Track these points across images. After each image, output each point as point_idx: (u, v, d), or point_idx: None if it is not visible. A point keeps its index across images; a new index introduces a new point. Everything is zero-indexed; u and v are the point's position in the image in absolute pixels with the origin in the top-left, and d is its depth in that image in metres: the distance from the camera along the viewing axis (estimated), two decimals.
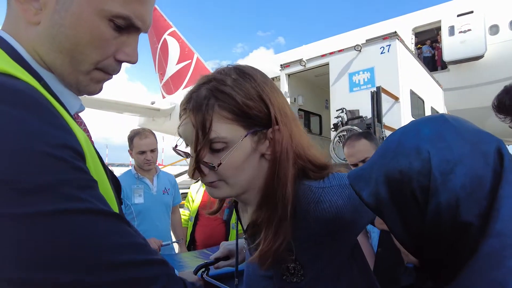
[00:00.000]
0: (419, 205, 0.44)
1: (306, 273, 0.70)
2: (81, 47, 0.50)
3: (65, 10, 0.48)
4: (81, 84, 0.54)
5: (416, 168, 0.44)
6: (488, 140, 0.43)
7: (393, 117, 5.35)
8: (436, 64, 10.84)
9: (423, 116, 0.55)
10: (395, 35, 5.57)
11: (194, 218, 2.81)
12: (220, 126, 0.64)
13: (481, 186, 0.41)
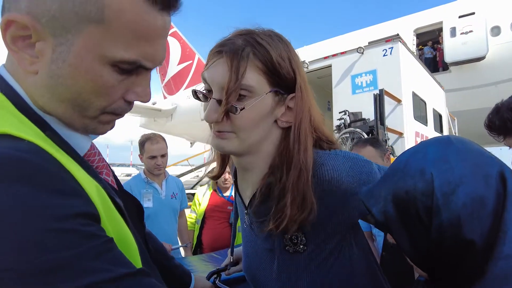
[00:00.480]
0: (424, 223, 0.47)
1: (309, 243, 0.71)
2: (84, 96, 0.47)
3: (62, 60, 0.44)
4: (88, 127, 0.51)
5: (420, 188, 0.47)
6: (490, 163, 0.45)
7: (396, 119, 5.37)
8: (438, 65, 10.86)
9: (424, 116, 0.58)
10: (398, 37, 5.60)
11: (201, 221, 2.84)
12: (251, 75, 0.64)
13: (483, 206, 0.43)
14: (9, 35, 0.42)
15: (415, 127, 5.86)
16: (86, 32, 0.43)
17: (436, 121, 7.27)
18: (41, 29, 0.42)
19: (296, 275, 0.72)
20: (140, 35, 0.45)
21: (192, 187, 14.30)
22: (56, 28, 0.42)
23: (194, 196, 2.99)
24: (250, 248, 0.85)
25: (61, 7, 0.41)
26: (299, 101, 0.70)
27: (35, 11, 0.41)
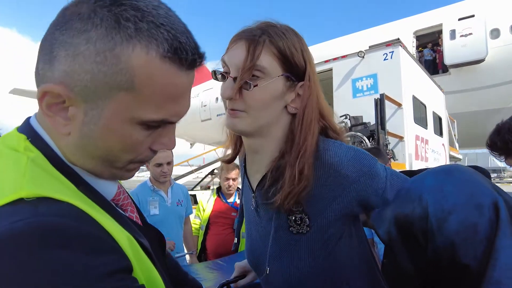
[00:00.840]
0: (421, 245, 0.52)
1: (312, 225, 0.74)
2: (114, 153, 0.49)
3: (93, 123, 0.46)
4: (116, 176, 0.54)
5: (417, 214, 0.52)
6: (485, 194, 0.49)
7: (396, 123, 5.41)
8: (438, 67, 10.92)
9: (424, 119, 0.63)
10: (398, 41, 5.63)
11: (205, 227, 2.88)
12: (265, 58, 0.71)
13: (476, 233, 0.47)
14: (45, 103, 0.45)
15: (415, 130, 5.90)
16: (116, 98, 0.45)
17: (436, 124, 7.32)
18: (74, 97, 0.45)
19: (298, 255, 0.76)
20: (169, 97, 0.48)
21: (192, 188, 14.35)
22: (87, 96, 0.45)
23: (198, 202, 3.03)
24: (254, 232, 0.88)
25: (93, 77, 0.43)
26: (307, 89, 0.76)
27: (68, 81, 0.44)
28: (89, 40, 0.42)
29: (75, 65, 0.43)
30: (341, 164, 0.73)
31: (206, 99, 17.53)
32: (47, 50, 0.45)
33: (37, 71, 0.47)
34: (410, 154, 5.54)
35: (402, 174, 0.85)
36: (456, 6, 10.57)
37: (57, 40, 0.44)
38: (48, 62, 0.45)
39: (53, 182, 0.45)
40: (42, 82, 0.45)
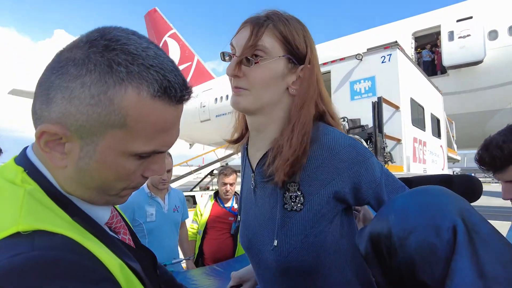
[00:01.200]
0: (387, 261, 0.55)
1: (306, 203, 0.78)
2: (108, 183, 0.52)
3: (89, 157, 0.49)
4: (109, 202, 0.57)
5: (384, 232, 0.55)
6: (445, 217, 0.51)
7: (394, 126, 5.44)
8: (436, 69, 10.93)
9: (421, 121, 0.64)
10: (396, 44, 5.65)
11: (203, 232, 2.89)
12: (267, 39, 0.76)
13: (433, 253, 0.49)
14: (43, 141, 0.48)
15: (413, 132, 5.92)
16: (110, 134, 0.48)
17: (434, 125, 7.34)
18: (70, 135, 0.48)
19: (291, 232, 0.78)
20: (159, 130, 0.51)
21: (192, 189, 14.38)
22: (83, 133, 0.48)
23: (196, 207, 3.04)
24: (250, 213, 0.91)
25: (88, 118, 0.46)
26: (307, 71, 0.81)
27: (65, 121, 0.47)
28: (83, 85, 0.45)
29: (71, 107, 0.46)
30: (338, 148, 0.77)
31: (205, 100, 17.53)
32: (44, 92, 0.48)
33: (35, 109, 0.50)
34: (408, 157, 5.57)
35: (399, 180, 0.88)
36: (454, 7, 10.60)
37: (53, 83, 0.47)
38: (45, 103, 0.48)
39: (49, 214, 0.47)
40: (40, 121, 0.48)
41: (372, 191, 0.80)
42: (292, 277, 0.80)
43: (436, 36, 10.80)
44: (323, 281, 0.80)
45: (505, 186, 1.10)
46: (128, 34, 0.50)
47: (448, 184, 1.55)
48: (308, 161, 0.78)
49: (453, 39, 9.78)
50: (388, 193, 0.82)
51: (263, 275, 0.88)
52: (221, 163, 13.13)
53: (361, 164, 0.78)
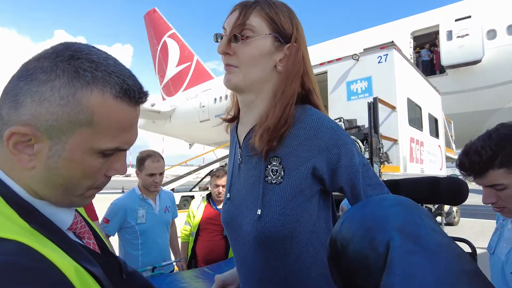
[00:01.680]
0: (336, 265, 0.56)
1: (286, 177, 0.82)
2: (74, 181, 0.55)
3: (58, 156, 0.52)
4: (74, 204, 0.59)
5: (333, 236, 0.57)
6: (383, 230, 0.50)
7: (390, 126, 5.43)
8: (435, 68, 10.92)
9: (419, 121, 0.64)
10: (392, 44, 5.65)
11: (195, 234, 2.89)
12: (255, 19, 0.82)
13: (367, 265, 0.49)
14: (12, 142, 0.50)
15: (410, 132, 5.92)
16: (78, 132, 0.52)
17: (431, 125, 7.33)
18: (40, 135, 0.51)
19: (270, 203, 0.82)
20: (122, 128, 0.56)
21: (191, 189, 14.41)
22: (52, 133, 0.51)
23: (189, 209, 3.04)
24: (234, 189, 0.95)
25: (58, 118, 0.51)
26: (293, 49, 0.86)
27: (35, 122, 0.50)
28: (53, 88, 0.50)
29: (41, 109, 0.50)
30: (321, 129, 0.82)
31: (204, 100, 17.55)
32: (12, 98, 0.52)
33: (1, 116, 0.52)
34: (405, 157, 5.56)
35: (378, 177, 0.89)
36: (452, 7, 10.59)
37: (22, 89, 0.51)
38: (13, 108, 0.51)
39: (5, 222, 0.49)
40: (7, 125, 0.51)
41: (347, 176, 0.82)
42: (268, 248, 0.83)
43: (435, 36, 10.79)
44: (296, 257, 0.83)
45: (485, 191, 1.10)
46: (89, 47, 0.55)
47: (435, 186, 1.55)
48: (291, 138, 0.83)
49: (452, 38, 9.77)
50: (364, 185, 0.85)
51: (241, 248, 0.90)
52: (220, 163, 13.15)
53: (341, 147, 0.82)
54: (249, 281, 0.89)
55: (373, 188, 0.87)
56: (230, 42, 0.83)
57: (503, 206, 1.08)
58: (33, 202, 0.55)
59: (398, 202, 0.55)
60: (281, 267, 0.83)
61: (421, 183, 1.64)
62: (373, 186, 0.87)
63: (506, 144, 1.01)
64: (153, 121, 20.80)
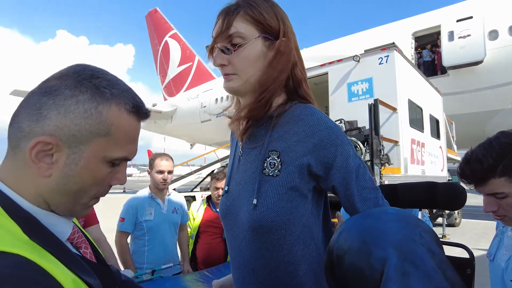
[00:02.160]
0: (332, 274, 0.57)
1: (283, 171, 0.85)
2: (85, 188, 0.60)
3: (75, 164, 0.57)
4: (76, 213, 0.63)
5: (330, 246, 0.58)
6: (380, 246, 0.50)
7: (391, 128, 5.43)
8: (436, 69, 10.89)
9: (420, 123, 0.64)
10: (393, 46, 5.64)
11: (195, 236, 2.90)
12: (241, 25, 0.83)
13: (362, 277, 0.50)
14: (35, 151, 0.55)
15: (410, 134, 5.91)
16: (95, 142, 0.58)
17: (433, 126, 7.32)
18: (61, 145, 0.56)
19: (266, 194, 0.85)
20: (130, 139, 0.63)
21: (192, 189, 14.41)
22: (72, 142, 0.57)
23: (189, 211, 3.05)
24: (232, 181, 0.98)
25: (80, 128, 0.57)
26: (284, 44, 0.88)
27: (58, 133, 0.56)
28: (78, 102, 0.57)
29: (66, 120, 0.56)
30: (319, 128, 0.84)
31: (205, 100, 17.55)
32: (34, 112, 0.56)
33: (21, 128, 0.57)
34: (406, 158, 5.56)
35: (374, 182, 0.90)
36: (454, 7, 10.55)
37: (46, 103, 0.56)
38: (35, 121, 0.56)
39: (7, 236, 0.51)
40: (28, 137, 0.56)
41: (340, 175, 0.84)
42: (262, 238, 0.85)
43: (436, 36, 10.76)
44: (288, 249, 0.85)
45: (486, 199, 1.10)
46: (102, 69, 0.63)
47: (433, 191, 1.55)
48: (291, 135, 0.86)
49: (453, 39, 9.74)
50: (358, 188, 0.86)
51: (235, 239, 0.93)
52: (221, 163, 13.16)
53: (337, 147, 0.84)
54: (241, 271, 0.92)
55: (367, 191, 0.87)
56: (223, 53, 0.85)
57: (504, 215, 1.08)
58: (36, 213, 0.57)
59: (399, 217, 0.55)
60: (273, 258, 0.86)
61: (418, 188, 1.64)
62: (368, 189, 0.88)
63: (507, 152, 1.01)
64: (154, 121, 20.81)
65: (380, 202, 0.89)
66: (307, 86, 0.95)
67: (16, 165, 0.57)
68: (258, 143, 0.91)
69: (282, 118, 0.90)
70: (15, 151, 0.57)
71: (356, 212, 0.87)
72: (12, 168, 0.58)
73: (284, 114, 0.90)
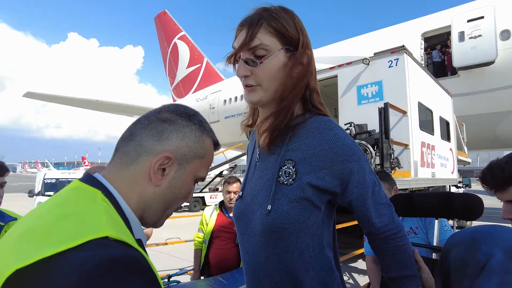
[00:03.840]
0: (441, 269, 0.66)
1: (297, 179, 0.87)
2: (178, 199, 0.74)
3: (179, 178, 0.72)
4: (158, 223, 0.75)
5: (444, 247, 0.67)
6: (490, 244, 0.57)
7: (401, 131, 5.41)
8: (446, 70, 10.78)
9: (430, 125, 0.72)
10: (403, 49, 5.61)
11: (208, 241, 2.95)
12: (265, 37, 0.86)
13: (465, 267, 0.57)
14: (159, 163, 0.69)
15: (421, 137, 5.88)
16: (194, 162, 0.74)
17: (443, 128, 7.26)
18: (174, 161, 0.71)
19: (279, 201, 0.88)
20: (209, 164, 0.79)
21: (201, 190, 14.50)
22: (182, 160, 0.72)
23: (202, 216, 3.11)
24: (248, 186, 1.01)
25: (190, 150, 0.72)
26: (305, 56, 0.91)
27: (175, 152, 0.71)
28: (192, 130, 0.73)
29: (182, 143, 0.72)
30: (337, 144, 0.87)
31: (214, 102, 17.62)
32: (157, 134, 0.70)
33: (142, 145, 0.69)
34: (416, 161, 5.54)
35: (387, 197, 0.94)
36: (464, 7, 10.42)
37: (167, 129, 0.71)
38: (157, 140, 0.70)
39: (123, 230, 0.60)
40: (149, 153, 0.69)
41: (357, 191, 0.88)
42: (274, 242, 0.88)
43: (446, 37, 10.65)
44: (298, 255, 0.88)
45: (505, 206, 1.13)
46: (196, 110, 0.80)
47: (449, 201, 1.57)
48: (308, 147, 0.89)
49: (464, 39, 9.64)
50: (374, 204, 0.90)
51: (249, 242, 0.95)
52: (229, 164, 13.21)
53: (354, 164, 0.87)
54: (255, 274, 0.95)
55: (383, 207, 0.91)
56: (247, 64, 0.87)
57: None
58: (131, 219, 0.67)
59: (507, 229, 0.63)
60: (285, 263, 0.89)
61: (434, 198, 1.66)
62: (383, 205, 0.91)
63: None
64: None
65: (395, 217, 0.93)
66: (318, 95, 0.98)
67: (129, 174, 0.69)
68: (275, 151, 0.94)
69: (300, 129, 0.92)
70: (131, 164, 0.69)
71: (372, 227, 0.91)
72: (125, 176, 0.69)
73: (302, 125, 0.92)
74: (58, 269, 0.46)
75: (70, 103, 19.02)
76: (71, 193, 0.64)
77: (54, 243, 0.49)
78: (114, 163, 0.70)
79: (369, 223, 0.91)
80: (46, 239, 0.51)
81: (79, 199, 0.62)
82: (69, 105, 19.36)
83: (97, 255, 0.48)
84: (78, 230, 0.52)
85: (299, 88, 0.92)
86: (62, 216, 0.56)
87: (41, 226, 0.54)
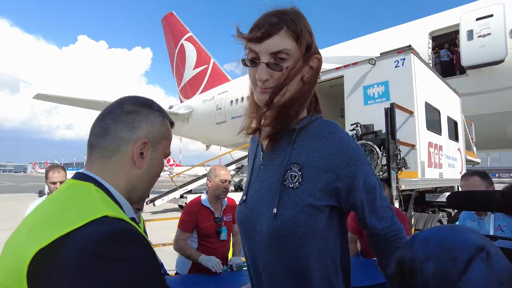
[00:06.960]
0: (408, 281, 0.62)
1: (303, 184, 0.88)
2: (155, 177, 0.86)
3: (154, 158, 0.83)
4: (142, 200, 0.87)
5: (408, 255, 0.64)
6: (463, 250, 0.57)
7: (408, 131, 5.38)
8: (455, 69, 10.66)
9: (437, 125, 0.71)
10: (410, 48, 5.58)
11: None
12: (287, 41, 0.87)
13: (445, 280, 0.56)
14: (139, 148, 0.79)
15: (428, 137, 5.84)
16: (163, 142, 0.85)
17: (451, 128, 7.19)
18: (149, 144, 0.81)
19: (286, 205, 0.88)
20: (171, 141, 0.90)
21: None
22: (154, 143, 0.82)
23: None
24: (252, 190, 1.01)
25: (158, 133, 0.83)
26: (316, 61, 0.94)
27: (149, 137, 0.81)
28: (155, 116, 0.84)
29: (152, 128, 0.82)
30: (342, 148, 0.88)
31: (221, 103, 17.68)
32: (128, 124, 0.79)
33: (119, 136, 0.78)
34: (423, 162, 5.50)
35: (386, 198, 0.96)
36: (473, 5, 10.29)
37: (136, 119, 0.80)
38: (131, 130, 0.79)
39: (119, 210, 0.71)
40: (128, 142, 0.78)
41: (361, 194, 0.89)
42: (281, 246, 0.88)
43: (455, 35, 10.53)
44: (305, 258, 0.89)
45: None
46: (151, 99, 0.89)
47: None
48: (313, 151, 0.89)
49: (473, 38, 9.52)
50: (376, 206, 0.92)
51: (255, 246, 0.96)
52: (236, 164, 13.25)
53: (359, 168, 0.88)
54: (261, 275, 0.95)
55: (384, 210, 0.93)
56: (269, 68, 0.87)
57: None
58: (121, 202, 0.77)
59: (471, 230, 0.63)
60: (292, 265, 0.89)
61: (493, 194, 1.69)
62: (385, 207, 0.94)
63: None
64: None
65: (396, 220, 0.95)
66: (315, 92, 1.01)
67: (113, 165, 0.78)
68: (279, 154, 0.94)
69: (305, 132, 0.93)
70: (113, 155, 0.77)
71: (374, 229, 0.93)
72: (110, 167, 0.78)
73: (307, 128, 0.93)
74: (71, 244, 0.57)
75: (77, 104, 19.23)
76: (68, 190, 0.73)
77: (64, 226, 0.59)
78: (94, 158, 0.78)
79: (371, 225, 0.93)
80: (57, 224, 0.61)
81: (76, 192, 0.71)
82: (77, 106, 19.56)
83: (101, 229, 0.59)
84: (82, 214, 0.62)
85: (311, 92, 0.95)
86: (66, 207, 0.66)
87: (50, 216, 0.64)
